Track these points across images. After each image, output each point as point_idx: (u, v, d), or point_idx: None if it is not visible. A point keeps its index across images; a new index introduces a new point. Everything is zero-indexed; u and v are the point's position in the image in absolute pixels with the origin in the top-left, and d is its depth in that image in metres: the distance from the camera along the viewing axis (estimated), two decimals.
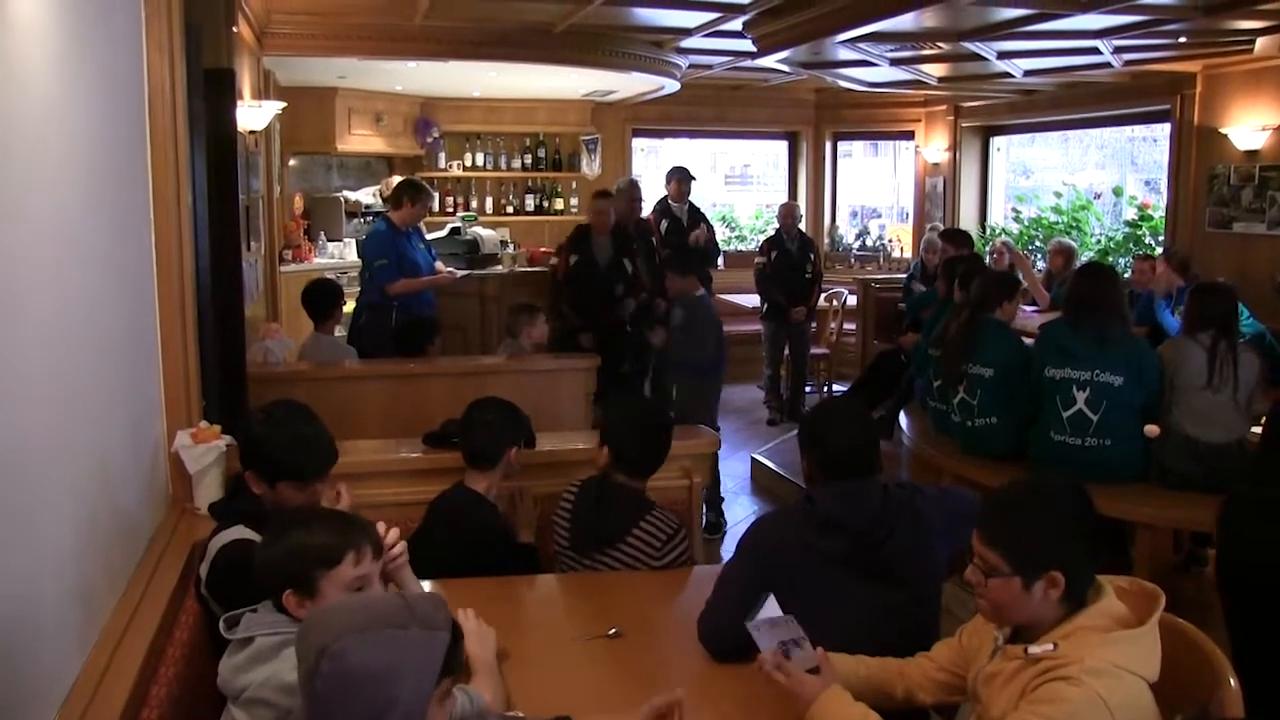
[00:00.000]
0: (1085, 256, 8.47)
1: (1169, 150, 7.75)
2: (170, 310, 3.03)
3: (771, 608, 2.10)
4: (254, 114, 5.78)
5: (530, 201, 9.75)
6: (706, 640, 2.39)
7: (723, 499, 5.72)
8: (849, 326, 8.73)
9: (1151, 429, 4.01)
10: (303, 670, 1.41)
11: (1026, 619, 1.88)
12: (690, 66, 8.06)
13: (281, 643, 1.91)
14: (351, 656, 1.37)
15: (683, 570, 2.92)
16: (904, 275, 8.32)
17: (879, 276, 9.06)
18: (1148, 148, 9.59)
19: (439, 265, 6.42)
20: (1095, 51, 6.39)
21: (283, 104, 6.64)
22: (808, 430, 2.55)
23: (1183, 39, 6.09)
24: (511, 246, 8.93)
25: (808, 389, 8.16)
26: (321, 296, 5.44)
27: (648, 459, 3.01)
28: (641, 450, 3.00)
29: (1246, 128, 6.88)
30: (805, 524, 2.38)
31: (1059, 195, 9.35)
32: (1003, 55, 6.68)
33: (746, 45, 6.71)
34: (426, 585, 2.73)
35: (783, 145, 11.06)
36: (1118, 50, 6.36)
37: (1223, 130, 7.06)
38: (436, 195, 9.35)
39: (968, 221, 9.69)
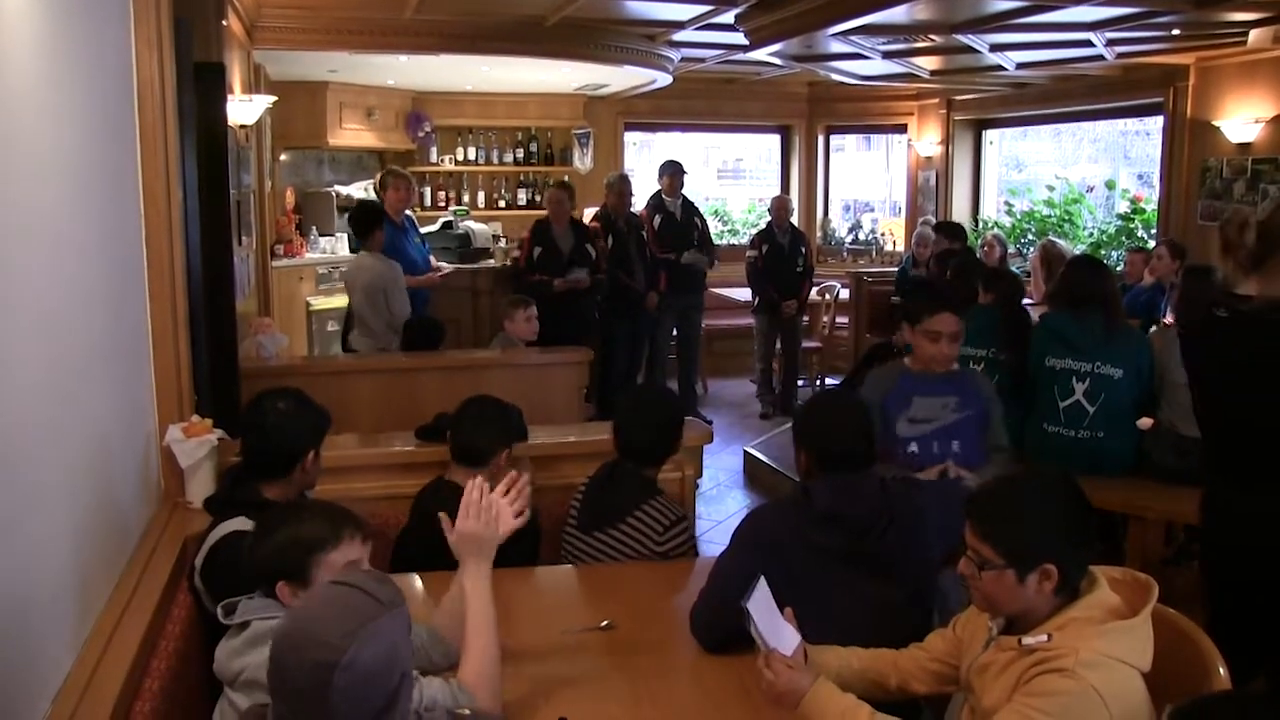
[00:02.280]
0: (1078, 250, 8.49)
1: (1161, 143, 7.76)
2: (161, 305, 3.03)
3: (762, 592, 2.10)
4: (244, 108, 5.76)
5: (522, 195, 9.73)
6: (699, 632, 2.38)
7: None
8: (841, 320, 8.74)
9: (1145, 421, 4.01)
10: (305, 690, 1.42)
11: (1020, 610, 1.88)
12: (682, 60, 8.05)
13: None
14: (362, 661, 1.43)
15: (678, 563, 2.92)
16: (896, 269, 8.33)
17: (871, 270, 9.07)
18: (1140, 141, 9.62)
19: (433, 260, 6.42)
20: (1088, 44, 6.40)
21: (273, 98, 6.61)
22: (803, 423, 2.55)
23: (1176, 31, 6.10)
24: (504, 240, 8.94)
25: (800, 383, 8.17)
26: (363, 215, 5.70)
27: (656, 449, 3.02)
28: (650, 441, 3.01)
29: (1239, 120, 6.90)
30: (802, 518, 2.37)
31: (1051, 189, 9.37)
32: (995, 48, 6.68)
33: (739, 38, 6.70)
34: (416, 580, 2.74)
35: (775, 139, 11.05)
36: (1110, 43, 6.37)
37: (1215, 123, 7.08)
38: (428, 189, 9.36)
39: (960, 215, 9.69)
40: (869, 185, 11.46)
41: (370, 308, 5.45)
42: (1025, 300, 6.83)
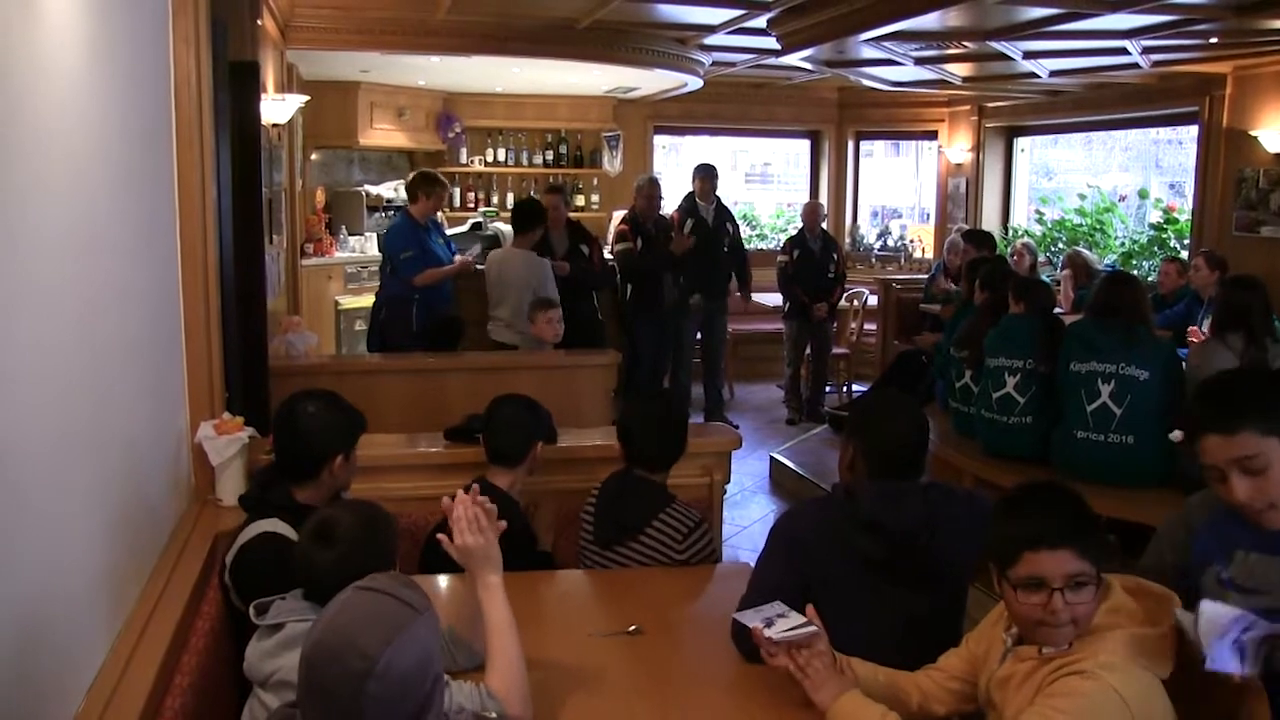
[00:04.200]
0: (1109, 260, 8.41)
1: (1196, 153, 7.66)
2: (194, 302, 3.05)
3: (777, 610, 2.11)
4: (277, 107, 5.81)
5: None
6: (737, 639, 2.31)
7: None
8: (869, 326, 8.70)
9: (1177, 434, 3.95)
10: (338, 698, 1.42)
11: None
12: (713, 64, 8.04)
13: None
14: (396, 667, 1.42)
15: (705, 567, 2.90)
16: (925, 276, 8.27)
17: (900, 277, 9.02)
18: (1172, 150, 9.52)
19: (457, 256, 6.46)
20: (1123, 52, 6.33)
21: (306, 98, 6.66)
22: (862, 416, 2.45)
23: (1214, 39, 6.02)
24: None
25: (828, 389, 8.14)
26: (527, 210, 6.19)
27: (664, 453, 2.99)
28: (657, 445, 2.98)
29: (1277, 130, 6.80)
30: (845, 522, 2.30)
31: (1083, 197, 9.28)
32: (1029, 55, 6.63)
33: (770, 43, 6.69)
34: (442, 580, 2.74)
35: (804, 144, 11.02)
36: (1146, 51, 6.29)
37: (1252, 133, 6.97)
38: (458, 190, 9.40)
39: (990, 223, 9.62)
40: (898, 191, 11.40)
41: (531, 298, 5.66)
42: (1056, 310, 6.79)
